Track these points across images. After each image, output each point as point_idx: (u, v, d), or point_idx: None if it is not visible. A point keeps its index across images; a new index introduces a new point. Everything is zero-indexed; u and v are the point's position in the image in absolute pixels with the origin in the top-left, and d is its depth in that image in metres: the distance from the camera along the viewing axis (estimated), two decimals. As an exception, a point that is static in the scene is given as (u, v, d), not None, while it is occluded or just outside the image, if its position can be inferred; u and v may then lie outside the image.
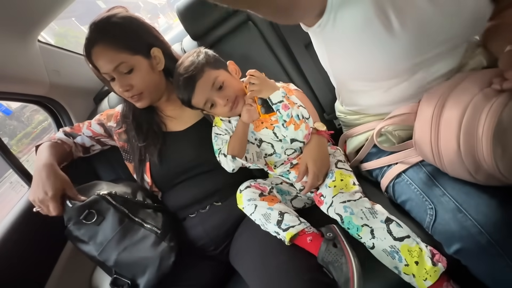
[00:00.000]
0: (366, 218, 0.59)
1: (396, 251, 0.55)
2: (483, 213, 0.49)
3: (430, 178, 0.58)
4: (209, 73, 0.69)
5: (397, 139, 0.66)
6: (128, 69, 0.72)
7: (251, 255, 0.68)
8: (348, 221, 0.60)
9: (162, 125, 0.83)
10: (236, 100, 0.70)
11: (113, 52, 0.70)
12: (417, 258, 0.53)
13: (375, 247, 0.57)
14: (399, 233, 0.56)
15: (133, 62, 0.72)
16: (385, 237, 0.56)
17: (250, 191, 0.71)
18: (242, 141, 0.73)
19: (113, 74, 0.72)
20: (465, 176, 0.49)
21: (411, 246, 0.55)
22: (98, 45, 0.70)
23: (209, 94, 0.69)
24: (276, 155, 0.77)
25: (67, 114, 1.10)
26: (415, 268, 0.53)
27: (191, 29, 1.04)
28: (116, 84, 0.74)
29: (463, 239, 0.50)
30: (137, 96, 0.75)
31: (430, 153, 0.52)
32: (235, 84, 0.72)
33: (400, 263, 0.55)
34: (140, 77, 0.74)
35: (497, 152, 0.42)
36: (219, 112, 0.72)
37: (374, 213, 0.60)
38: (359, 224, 0.59)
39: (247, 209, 0.69)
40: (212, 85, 0.68)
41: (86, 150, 0.91)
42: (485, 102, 0.43)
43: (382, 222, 0.58)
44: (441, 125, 0.49)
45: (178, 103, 0.84)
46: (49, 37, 12.27)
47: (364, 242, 0.59)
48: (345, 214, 0.60)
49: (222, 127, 0.76)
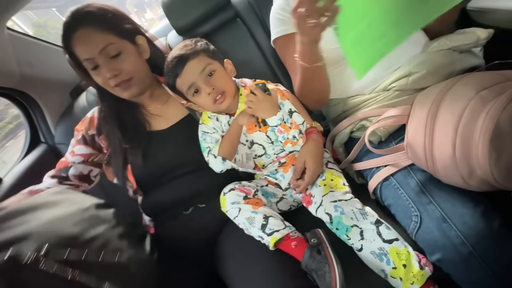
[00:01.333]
0: (356, 219, 0.58)
1: (385, 253, 0.54)
2: (467, 224, 0.49)
3: (418, 184, 0.58)
4: (203, 58, 0.67)
5: (383, 133, 0.67)
6: (116, 51, 0.67)
7: (235, 260, 0.66)
8: (337, 221, 0.59)
9: (146, 124, 0.79)
10: (223, 95, 0.68)
11: (99, 34, 0.66)
12: (405, 261, 0.53)
13: (363, 249, 0.57)
14: (389, 236, 0.56)
15: (121, 45, 0.68)
16: (374, 239, 0.56)
17: (234, 193, 0.69)
18: (234, 143, 0.72)
19: (98, 60, 0.66)
20: (458, 181, 0.49)
21: (399, 249, 0.54)
22: (82, 28, 0.65)
23: (196, 78, 0.66)
24: (266, 155, 0.76)
25: (39, 108, 1.03)
26: (402, 271, 0.53)
27: (177, 24, 1.00)
28: (100, 71, 0.68)
29: (445, 248, 0.51)
30: (125, 82, 0.69)
31: (423, 156, 0.52)
32: (225, 79, 0.70)
33: (388, 266, 0.54)
34: (129, 61, 0.69)
35: (492, 158, 0.42)
36: (201, 101, 0.69)
37: (365, 214, 0.59)
38: (349, 225, 0.58)
39: (231, 212, 0.67)
40: (203, 70, 0.66)
41: (86, 179, 0.80)
42: (482, 107, 0.43)
43: (372, 223, 0.58)
44: (435, 129, 0.49)
45: (162, 100, 0.81)
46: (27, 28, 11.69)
47: (352, 243, 0.58)
48: (335, 214, 0.60)
49: (210, 125, 0.74)
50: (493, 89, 0.44)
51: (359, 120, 0.73)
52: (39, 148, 1.04)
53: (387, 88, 0.70)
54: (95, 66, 0.68)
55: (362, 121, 0.72)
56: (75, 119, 1.02)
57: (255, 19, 1.03)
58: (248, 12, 1.03)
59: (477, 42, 0.65)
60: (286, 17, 0.78)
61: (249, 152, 0.77)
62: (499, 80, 0.46)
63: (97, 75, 0.69)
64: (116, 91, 0.72)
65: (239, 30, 1.02)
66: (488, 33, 0.65)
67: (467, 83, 0.48)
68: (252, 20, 1.03)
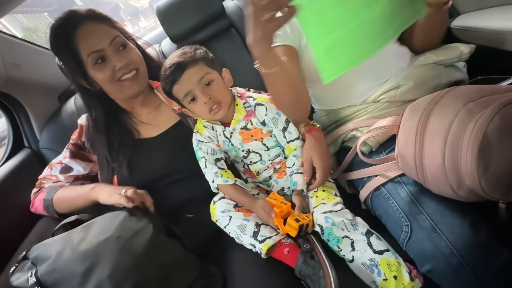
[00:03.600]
0: (347, 229, 0.58)
1: (376, 264, 0.54)
2: (456, 234, 0.50)
3: (408, 194, 0.58)
4: (202, 66, 0.67)
5: (374, 143, 0.67)
6: (122, 44, 0.70)
7: (226, 271, 0.64)
8: (328, 232, 0.59)
9: (135, 132, 0.78)
10: (219, 105, 0.67)
11: (106, 27, 0.69)
12: (395, 272, 0.53)
13: (354, 260, 0.56)
14: (379, 246, 0.56)
15: (124, 39, 0.71)
16: (365, 250, 0.56)
17: (224, 202, 0.68)
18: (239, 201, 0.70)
19: (107, 51, 0.68)
20: (447, 191, 0.50)
21: (390, 260, 0.54)
22: (86, 23, 0.67)
23: (193, 86, 0.66)
24: (261, 162, 0.75)
25: (25, 112, 1.00)
26: (393, 283, 0.52)
27: (171, 31, 1.01)
28: (108, 64, 0.68)
29: (436, 259, 0.51)
30: (134, 72, 0.71)
31: (414, 166, 0.52)
32: (223, 89, 0.70)
33: (379, 278, 0.54)
34: (134, 52, 0.73)
35: (480, 169, 0.43)
36: (197, 109, 0.69)
37: (355, 225, 0.59)
38: (340, 236, 0.58)
39: (221, 221, 0.66)
40: (200, 79, 0.66)
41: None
42: (469, 119, 0.45)
43: (362, 234, 0.58)
44: (425, 139, 0.50)
45: (153, 106, 0.80)
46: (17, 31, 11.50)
47: (344, 255, 0.58)
48: (326, 225, 0.59)
49: (205, 134, 0.73)
50: (480, 102, 0.46)
51: (350, 130, 0.73)
52: (22, 153, 0.99)
53: (377, 99, 0.71)
54: (102, 59, 0.68)
55: (353, 131, 0.73)
56: (62, 124, 0.99)
57: (249, 30, 1.04)
58: (243, 22, 1.04)
59: (460, 56, 0.68)
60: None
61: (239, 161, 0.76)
62: (485, 94, 0.48)
63: (102, 69, 0.69)
64: (123, 85, 0.71)
65: (233, 39, 1.04)
66: (470, 48, 0.69)
67: (455, 96, 0.50)
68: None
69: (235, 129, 0.72)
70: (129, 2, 22.44)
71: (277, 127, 0.72)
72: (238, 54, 1.02)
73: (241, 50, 1.02)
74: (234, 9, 1.08)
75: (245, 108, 0.72)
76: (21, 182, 0.72)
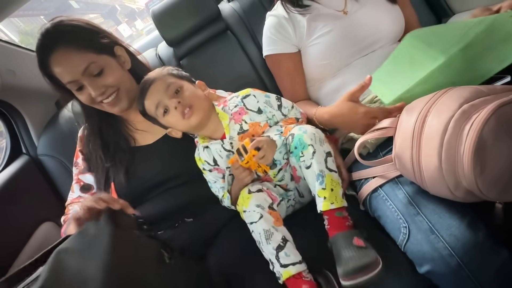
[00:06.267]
0: (315, 141, 0.62)
1: (323, 175, 0.60)
2: (454, 235, 0.50)
3: (406, 196, 0.58)
4: (168, 77, 0.67)
5: (371, 145, 0.68)
6: (98, 69, 0.67)
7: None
8: (298, 139, 0.62)
9: (131, 140, 0.77)
10: (191, 108, 0.65)
11: (78, 54, 0.65)
12: (334, 187, 0.60)
13: (311, 167, 0.61)
14: (332, 166, 0.62)
15: (101, 62, 0.67)
16: (320, 162, 0.61)
17: (262, 196, 0.62)
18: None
19: (82, 80, 0.66)
20: (445, 192, 0.50)
21: (334, 178, 0.61)
22: (58, 50, 0.64)
23: (161, 96, 0.65)
24: (277, 162, 0.70)
25: (22, 119, 1.00)
26: (328, 193, 0.59)
27: (167, 35, 1.01)
28: (85, 91, 0.67)
29: (434, 260, 0.51)
30: (113, 96, 0.69)
31: (411, 168, 0.53)
32: (194, 95, 0.68)
33: (320, 186, 0.60)
34: (113, 75, 0.69)
35: (477, 170, 0.43)
36: (172, 120, 0.67)
37: (323, 143, 0.63)
38: (307, 143, 0.62)
39: (251, 215, 0.60)
40: (167, 87, 0.65)
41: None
42: (466, 120, 0.45)
43: (324, 152, 0.63)
44: (422, 141, 0.50)
45: None
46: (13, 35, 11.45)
47: (304, 160, 0.62)
48: (298, 132, 0.63)
49: (205, 165, 0.71)
50: (476, 103, 0.46)
51: (348, 132, 0.74)
52: (20, 159, 0.99)
53: (374, 100, 0.71)
54: (79, 87, 0.67)
55: (350, 132, 0.73)
56: (60, 130, 0.99)
57: (245, 32, 1.04)
58: (239, 25, 1.05)
59: None
60: (277, 37, 0.81)
61: None
62: (481, 94, 0.48)
63: (82, 94, 0.68)
64: (105, 107, 0.71)
65: (229, 42, 1.04)
66: None
67: (451, 97, 0.50)
68: (243, 33, 1.04)
69: (232, 137, 0.69)
70: (126, 4, 22.38)
71: (273, 107, 0.71)
72: (235, 56, 1.02)
73: (238, 52, 1.02)
74: (230, 12, 1.08)
75: (230, 110, 0.70)
76: (20, 189, 0.71)
